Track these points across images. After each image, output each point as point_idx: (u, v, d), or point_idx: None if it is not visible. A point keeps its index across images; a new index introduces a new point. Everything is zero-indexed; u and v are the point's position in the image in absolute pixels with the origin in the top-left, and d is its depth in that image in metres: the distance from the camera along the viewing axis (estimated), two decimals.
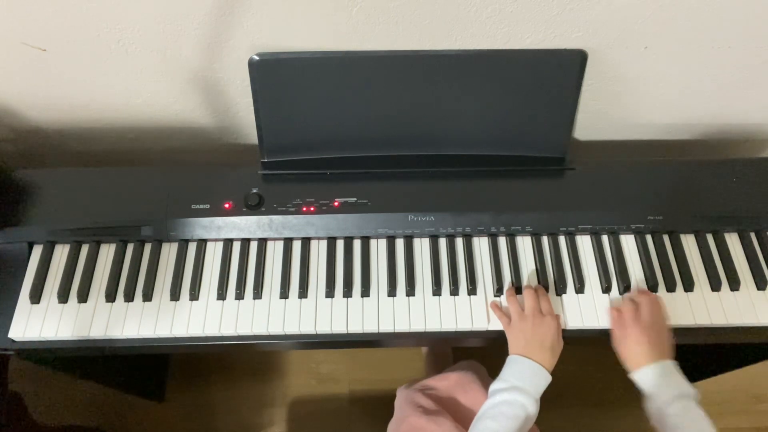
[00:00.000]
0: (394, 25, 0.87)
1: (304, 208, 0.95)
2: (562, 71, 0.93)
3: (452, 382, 1.02)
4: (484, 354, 1.57)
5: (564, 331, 0.91)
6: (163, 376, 1.60)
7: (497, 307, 0.90)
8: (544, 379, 0.81)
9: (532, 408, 0.78)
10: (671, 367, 0.81)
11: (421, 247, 0.96)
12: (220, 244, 0.97)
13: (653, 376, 0.80)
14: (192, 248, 0.96)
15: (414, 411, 0.96)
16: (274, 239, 0.97)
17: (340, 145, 1.00)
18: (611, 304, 0.91)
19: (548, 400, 0.78)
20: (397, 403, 1.06)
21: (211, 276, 0.94)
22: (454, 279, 0.93)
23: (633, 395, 0.85)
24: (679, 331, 0.91)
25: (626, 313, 0.86)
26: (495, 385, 0.81)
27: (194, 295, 0.92)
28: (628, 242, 0.97)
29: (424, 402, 0.98)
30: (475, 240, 0.97)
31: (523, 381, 0.79)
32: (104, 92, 1.01)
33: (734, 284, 0.93)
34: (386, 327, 0.90)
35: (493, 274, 0.94)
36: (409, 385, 1.07)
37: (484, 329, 0.90)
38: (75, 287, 0.92)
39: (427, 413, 0.94)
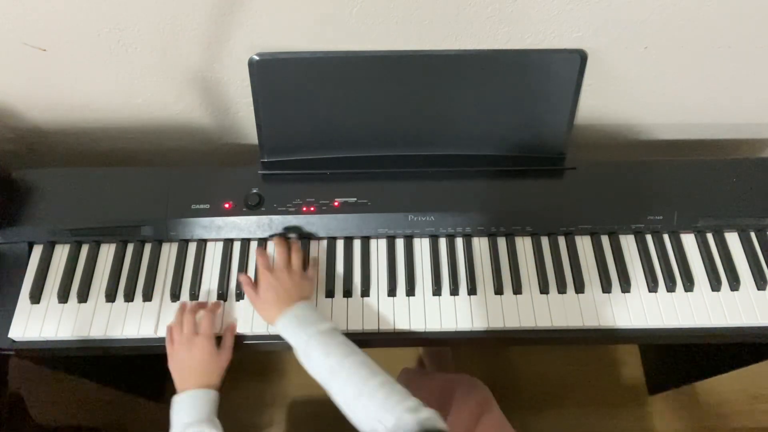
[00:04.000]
0: (394, 25, 0.87)
1: (304, 208, 0.95)
2: (562, 71, 0.93)
3: (454, 385, 1.02)
4: (484, 353, 1.57)
5: (564, 331, 0.91)
6: (163, 376, 1.60)
7: (168, 332, 0.86)
8: (207, 399, 0.80)
9: (211, 429, 0.77)
10: (306, 308, 0.81)
11: (421, 247, 0.96)
12: (220, 244, 0.97)
13: (285, 326, 0.80)
14: (192, 248, 0.96)
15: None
16: None
17: (340, 145, 1.00)
18: None
19: (548, 400, 0.78)
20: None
21: (211, 276, 0.94)
22: (454, 279, 0.93)
23: (633, 395, 0.85)
24: (679, 331, 0.91)
25: (259, 264, 0.88)
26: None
27: (194, 295, 0.92)
28: (628, 242, 0.97)
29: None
30: (475, 240, 0.97)
31: (190, 415, 0.78)
32: (104, 92, 1.01)
33: (734, 284, 0.93)
34: (386, 327, 0.90)
35: (492, 274, 0.94)
36: (407, 375, 1.06)
37: (485, 329, 0.90)
38: (75, 287, 0.92)
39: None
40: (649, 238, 0.98)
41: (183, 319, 0.86)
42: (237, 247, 0.96)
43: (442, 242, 0.97)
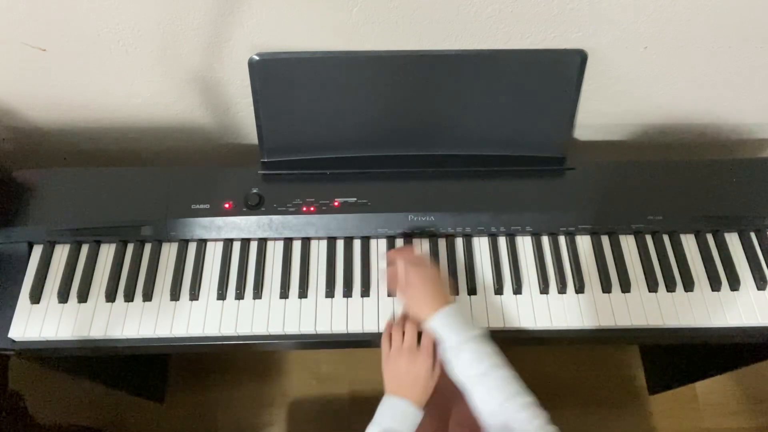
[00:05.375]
0: (394, 25, 0.87)
1: (304, 208, 0.95)
2: (562, 71, 0.93)
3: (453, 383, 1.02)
4: None
5: (564, 331, 0.91)
6: (163, 376, 1.60)
7: (387, 332, 0.87)
8: (414, 417, 0.80)
9: None
10: (452, 313, 0.82)
11: (421, 247, 0.96)
12: (220, 244, 0.97)
13: (442, 323, 0.81)
14: (192, 248, 0.96)
15: None
16: (274, 239, 0.97)
17: (340, 145, 1.00)
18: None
19: (548, 400, 0.77)
20: None
21: (211, 276, 0.94)
22: (453, 279, 0.93)
23: (633, 395, 0.85)
24: (679, 332, 0.91)
25: (391, 280, 0.89)
26: (370, 429, 0.80)
27: (194, 295, 0.92)
28: (628, 242, 0.97)
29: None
30: (475, 240, 0.97)
31: (397, 422, 0.79)
32: (104, 92, 1.01)
33: (734, 284, 0.93)
34: None
35: (493, 274, 0.94)
36: None
37: (484, 328, 0.90)
38: (75, 287, 0.92)
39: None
40: (649, 238, 0.98)
41: (405, 329, 0.86)
42: (237, 247, 0.96)
43: (442, 242, 0.97)
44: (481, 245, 0.97)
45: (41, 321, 0.90)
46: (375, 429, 0.80)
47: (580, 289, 0.93)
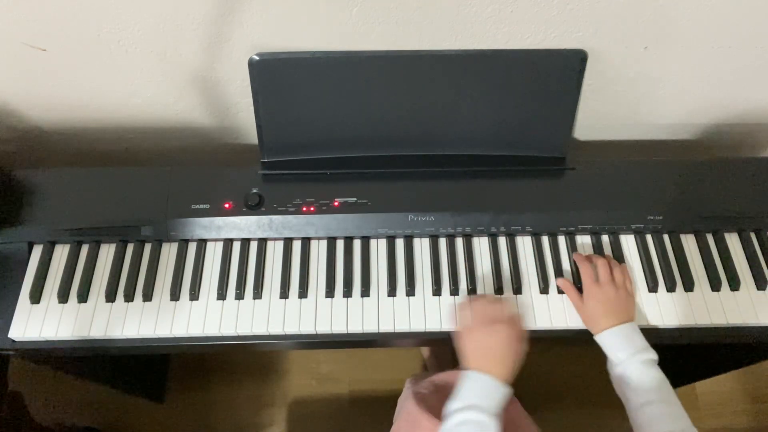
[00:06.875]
0: (394, 25, 0.87)
1: (304, 208, 0.95)
2: (562, 71, 0.93)
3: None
4: None
5: (564, 331, 0.91)
6: (163, 376, 1.60)
7: (465, 303, 0.86)
8: (498, 393, 0.76)
9: (492, 427, 0.73)
10: (631, 330, 0.82)
11: (421, 247, 0.96)
12: (220, 244, 0.97)
13: (613, 338, 0.81)
14: (192, 248, 0.96)
15: (417, 407, 0.94)
16: (274, 239, 0.97)
17: (340, 145, 1.00)
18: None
19: (548, 400, 0.78)
20: (401, 399, 1.06)
21: (211, 276, 0.94)
22: (454, 279, 0.93)
23: None
24: (679, 331, 0.91)
25: (584, 276, 0.88)
26: (451, 405, 0.75)
27: (194, 295, 0.92)
28: (628, 242, 0.97)
29: (429, 398, 0.97)
30: (475, 240, 0.97)
31: (480, 398, 0.75)
32: (104, 92, 1.01)
33: (734, 284, 0.93)
34: (386, 327, 0.90)
35: (493, 274, 0.94)
36: (415, 381, 1.06)
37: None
38: (75, 287, 0.92)
39: (430, 412, 0.93)
40: (649, 238, 0.98)
41: (479, 305, 0.84)
42: (237, 247, 0.96)
43: (442, 242, 0.97)
44: (481, 245, 0.97)
45: (41, 321, 0.90)
46: (458, 404, 0.75)
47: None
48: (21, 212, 0.95)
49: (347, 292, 0.92)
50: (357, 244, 0.97)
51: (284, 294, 0.92)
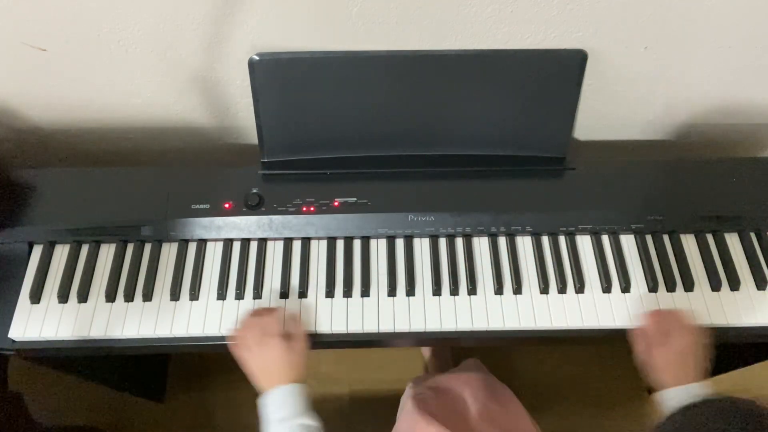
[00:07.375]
0: (394, 25, 0.87)
1: (304, 208, 0.95)
2: (562, 71, 0.93)
3: (461, 382, 1.02)
4: (484, 353, 1.57)
5: (564, 331, 0.91)
6: (163, 376, 1.60)
7: (237, 337, 0.85)
8: (297, 393, 0.79)
9: (308, 423, 0.77)
10: (695, 392, 0.78)
11: (421, 247, 0.96)
12: (220, 244, 0.97)
13: (676, 400, 0.77)
14: (192, 248, 0.96)
15: (416, 410, 0.95)
16: (274, 239, 0.97)
17: (340, 145, 1.00)
18: (633, 313, 0.89)
19: (548, 400, 0.78)
20: (403, 398, 1.06)
21: (211, 276, 0.94)
22: (454, 279, 0.93)
23: (633, 395, 0.85)
24: None
25: (650, 332, 0.84)
26: (268, 430, 0.78)
27: (194, 295, 0.92)
28: (628, 242, 0.97)
29: (429, 402, 0.97)
30: (475, 240, 0.97)
31: (284, 410, 0.78)
32: (104, 92, 1.01)
33: (734, 284, 0.93)
34: (386, 327, 0.90)
35: (493, 274, 0.94)
36: (416, 383, 1.06)
37: (484, 329, 0.90)
38: (75, 287, 0.92)
39: (429, 415, 0.93)
40: (649, 238, 0.98)
41: (249, 324, 0.85)
42: (237, 247, 0.96)
43: (442, 242, 0.97)
44: (481, 245, 0.97)
45: (41, 321, 0.90)
46: (273, 426, 0.77)
47: (580, 289, 0.93)
48: (21, 212, 0.95)
49: (347, 292, 0.92)
50: (357, 244, 0.97)
51: (284, 294, 0.92)
